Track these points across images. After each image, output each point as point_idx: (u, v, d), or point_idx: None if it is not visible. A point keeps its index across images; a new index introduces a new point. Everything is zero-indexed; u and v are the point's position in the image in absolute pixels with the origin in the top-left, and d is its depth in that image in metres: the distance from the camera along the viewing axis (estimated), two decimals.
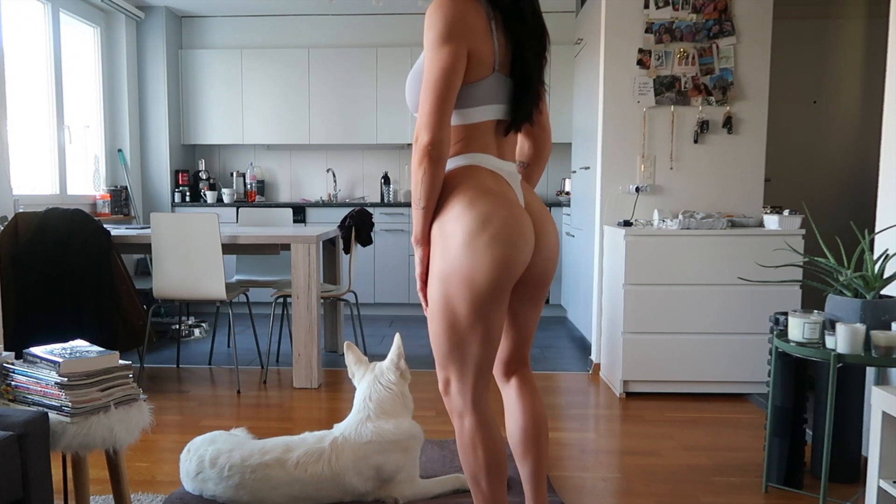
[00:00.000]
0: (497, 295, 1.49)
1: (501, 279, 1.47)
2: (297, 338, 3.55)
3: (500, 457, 1.57)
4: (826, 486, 2.08)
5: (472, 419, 1.56)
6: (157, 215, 3.44)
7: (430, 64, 1.45)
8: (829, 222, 4.78)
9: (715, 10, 3.58)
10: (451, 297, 1.49)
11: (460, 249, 1.46)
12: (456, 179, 1.51)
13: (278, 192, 6.21)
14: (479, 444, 1.55)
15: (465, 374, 1.54)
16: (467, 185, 1.49)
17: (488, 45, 1.48)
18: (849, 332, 2.03)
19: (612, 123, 3.68)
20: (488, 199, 1.48)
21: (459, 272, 1.47)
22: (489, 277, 1.46)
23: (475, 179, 1.50)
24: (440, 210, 1.51)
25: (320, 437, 2.19)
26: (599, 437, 2.88)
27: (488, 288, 1.47)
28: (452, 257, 1.47)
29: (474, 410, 1.56)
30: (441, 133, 1.43)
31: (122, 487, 1.97)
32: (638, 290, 3.33)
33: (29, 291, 3.37)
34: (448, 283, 1.49)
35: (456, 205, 1.48)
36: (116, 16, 5.38)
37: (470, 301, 1.48)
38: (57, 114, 4.70)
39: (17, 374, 1.82)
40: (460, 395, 1.56)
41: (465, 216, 1.46)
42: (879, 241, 2.60)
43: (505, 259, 1.46)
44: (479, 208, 1.47)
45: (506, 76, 1.53)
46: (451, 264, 1.47)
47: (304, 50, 5.77)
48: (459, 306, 1.49)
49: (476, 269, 1.45)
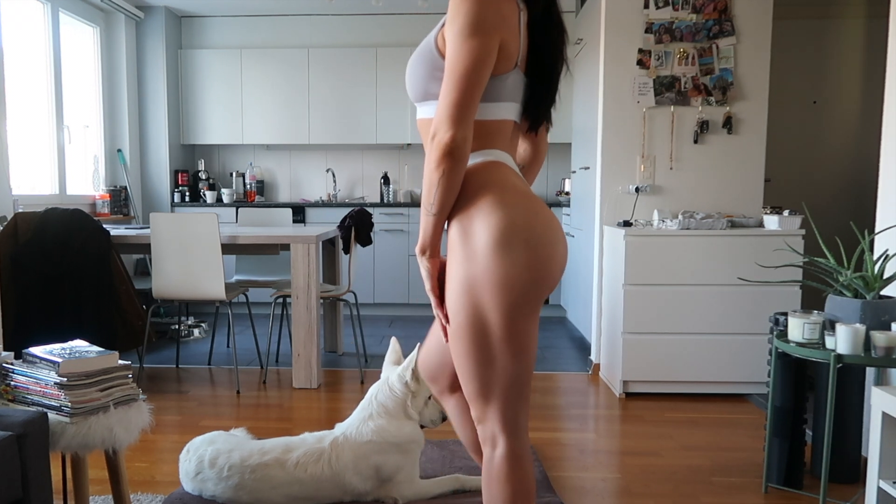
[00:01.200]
0: (536, 302, 1.33)
1: (541, 283, 1.32)
2: (297, 338, 3.55)
3: (531, 495, 1.40)
4: (826, 486, 2.08)
5: (505, 448, 1.37)
6: (156, 215, 3.44)
7: (458, 55, 1.29)
8: (829, 222, 4.78)
9: (715, 11, 3.58)
10: (480, 307, 1.32)
11: (492, 252, 1.29)
12: (479, 176, 1.37)
13: (278, 192, 6.21)
14: (509, 478, 1.37)
15: (497, 397, 1.36)
16: (494, 182, 1.35)
17: (515, 40, 1.37)
18: (849, 333, 2.02)
19: (611, 123, 3.68)
20: (520, 196, 1.34)
21: (492, 277, 1.30)
22: (530, 280, 1.30)
23: (502, 175, 1.37)
24: (460, 210, 1.35)
25: (320, 437, 2.19)
26: (599, 438, 2.87)
27: (527, 293, 1.31)
28: (482, 261, 1.30)
29: (509, 438, 1.37)
30: (465, 130, 1.28)
31: (121, 487, 1.96)
32: (638, 290, 3.32)
33: (28, 291, 3.37)
34: (476, 290, 1.31)
35: (483, 203, 1.33)
36: (116, 16, 5.38)
37: (504, 309, 1.30)
38: (56, 114, 4.70)
39: (17, 374, 1.82)
40: (492, 421, 1.37)
41: (496, 215, 1.31)
42: (879, 241, 2.60)
43: (546, 260, 1.32)
44: (512, 206, 1.32)
45: (524, 74, 1.42)
46: (481, 269, 1.30)
47: (303, 50, 5.76)
48: (491, 316, 1.31)
49: (513, 273, 1.29)
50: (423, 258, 1.38)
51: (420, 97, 1.42)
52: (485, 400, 1.37)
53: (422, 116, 1.44)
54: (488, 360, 1.35)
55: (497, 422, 1.37)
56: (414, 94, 1.44)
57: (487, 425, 1.39)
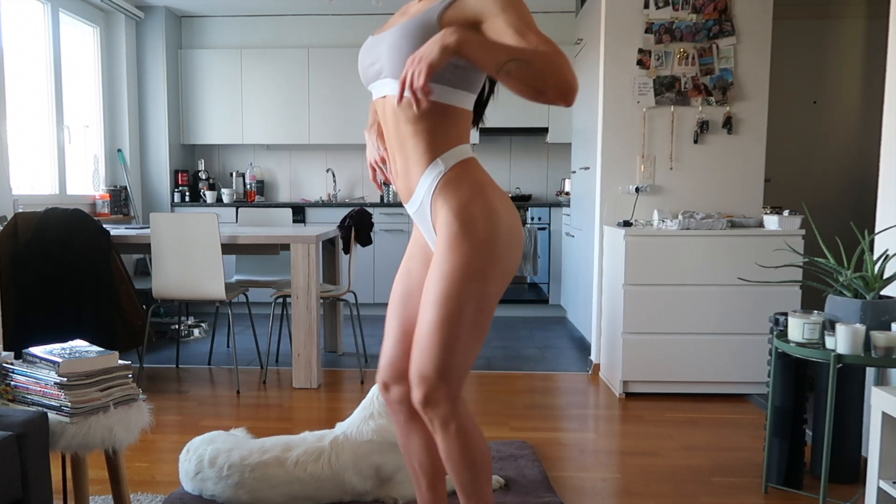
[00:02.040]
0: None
1: (513, 273, 1.47)
2: (297, 338, 3.55)
3: (488, 453, 1.50)
4: (826, 486, 2.08)
5: (461, 422, 1.45)
6: (156, 215, 3.44)
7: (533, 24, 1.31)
8: (829, 222, 4.78)
9: (715, 11, 3.58)
10: (484, 295, 1.41)
11: (501, 242, 1.42)
12: (477, 172, 1.46)
13: (278, 192, 6.21)
14: (472, 447, 1.46)
15: (460, 379, 1.44)
16: (489, 181, 1.47)
17: None
18: (849, 333, 2.02)
19: (611, 124, 3.68)
20: (506, 196, 1.49)
21: (500, 266, 1.42)
22: (512, 274, 1.46)
23: (487, 174, 1.49)
24: (462, 201, 1.42)
25: (320, 436, 2.19)
26: (599, 438, 2.87)
27: (507, 284, 1.45)
28: (492, 250, 1.40)
29: (462, 413, 1.46)
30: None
31: (121, 487, 1.96)
32: (638, 290, 3.32)
33: (28, 291, 3.37)
34: (483, 277, 1.40)
35: (489, 199, 1.43)
36: (116, 15, 5.38)
37: (494, 298, 1.43)
38: (56, 114, 4.70)
39: (17, 374, 1.82)
40: (450, 402, 1.43)
41: (501, 209, 1.43)
42: (879, 241, 2.60)
43: (519, 258, 1.48)
44: (507, 203, 1.46)
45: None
46: (491, 258, 1.40)
47: (304, 50, 5.76)
48: (491, 303, 1.43)
49: (512, 266, 1.44)
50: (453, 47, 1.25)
51: (394, 70, 1.41)
52: (444, 381, 1.41)
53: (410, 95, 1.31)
54: (471, 345, 1.42)
55: (454, 401, 1.43)
56: (393, 63, 1.40)
57: (442, 407, 1.42)
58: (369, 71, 1.49)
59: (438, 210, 1.44)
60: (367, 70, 1.50)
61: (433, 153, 1.44)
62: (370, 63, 1.49)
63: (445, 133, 1.43)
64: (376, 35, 1.50)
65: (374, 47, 1.47)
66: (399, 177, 1.51)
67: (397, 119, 1.45)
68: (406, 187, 1.51)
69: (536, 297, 5.63)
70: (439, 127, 1.43)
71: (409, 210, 1.54)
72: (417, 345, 1.44)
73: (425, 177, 1.45)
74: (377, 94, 1.50)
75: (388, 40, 1.42)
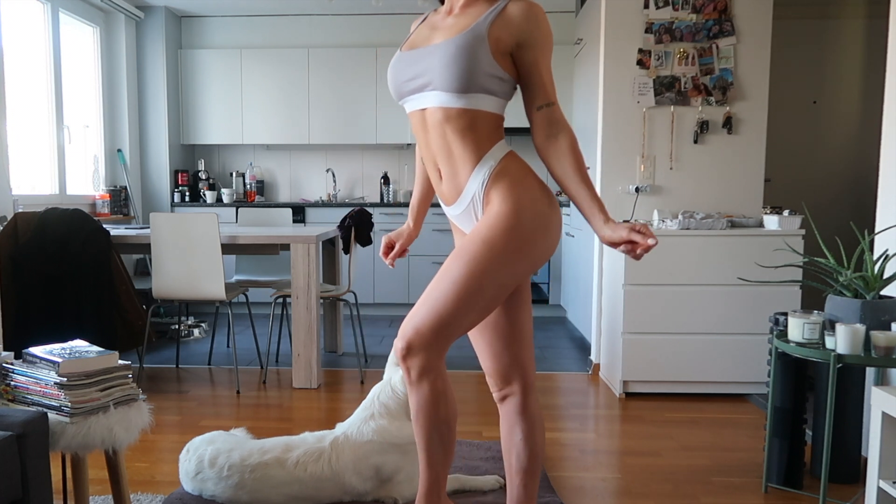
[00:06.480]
0: (526, 280, 1.64)
1: (538, 267, 1.58)
2: (297, 338, 3.55)
3: (454, 418, 1.56)
4: (826, 486, 2.08)
5: (439, 376, 1.51)
6: (156, 215, 3.44)
7: (551, 75, 1.57)
8: (829, 222, 4.78)
9: (715, 11, 3.58)
10: (512, 271, 1.51)
11: (542, 227, 1.53)
12: (519, 162, 1.58)
13: (278, 192, 6.21)
14: (446, 399, 1.53)
15: (451, 338, 1.49)
16: (529, 170, 1.58)
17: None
18: (849, 333, 2.02)
19: (611, 123, 3.68)
20: (545, 185, 1.61)
21: (530, 246, 1.52)
22: (540, 263, 1.56)
23: (528, 165, 1.61)
24: (504, 184, 1.54)
25: (320, 436, 2.19)
26: (599, 438, 2.87)
27: (531, 272, 1.56)
28: (530, 230, 1.51)
29: (442, 368, 1.52)
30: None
31: (121, 487, 1.96)
32: (638, 290, 3.32)
33: (28, 291, 3.37)
34: (516, 252, 1.50)
35: (532, 187, 1.55)
36: (116, 15, 5.38)
37: (519, 277, 1.53)
38: (56, 114, 4.70)
39: (17, 374, 1.82)
40: (436, 355, 1.49)
41: (545, 198, 1.55)
42: (879, 241, 2.60)
43: (551, 251, 1.58)
44: (548, 192, 1.58)
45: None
46: (526, 237, 1.51)
47: (303, 50, 5.76)
48: (512, 281, 1.52)
49: (544, 253, 1.55)
50: (611, 223, 1.50)
51: (464, 88, 1.50)
52: (445, 338, 1.49)
53: (462, 106, 1.51)
54: (469, 308, 1.49)
55: (439, 356, 1.51)
56: (457, 84, 1.50)
57: (424, 359, 1.49)
58: (409, 85, 1.56)
59: (493, 198, 1.54)
60: (407, 84, 1.57)
61: (480, 152, 1.55)
62: (410, 77, 1.56)
63: (489, 134, 1.56)
64: (413, 50, 1.57)
65: (417, 62, 1.55)
66: (444, 181, 1.62)
67: (443, 129, 1.55)
68: (454, 188, 1.60)
69: (536, 297, 5.64)
70: (483, 130, 1.55)
71: (452, 213, 1.65)
72: (429, 295, 1.50)
73: (476, 173, 1.56)
74: (417, 106, 1.58)
75: (439, 55, 1.50)
